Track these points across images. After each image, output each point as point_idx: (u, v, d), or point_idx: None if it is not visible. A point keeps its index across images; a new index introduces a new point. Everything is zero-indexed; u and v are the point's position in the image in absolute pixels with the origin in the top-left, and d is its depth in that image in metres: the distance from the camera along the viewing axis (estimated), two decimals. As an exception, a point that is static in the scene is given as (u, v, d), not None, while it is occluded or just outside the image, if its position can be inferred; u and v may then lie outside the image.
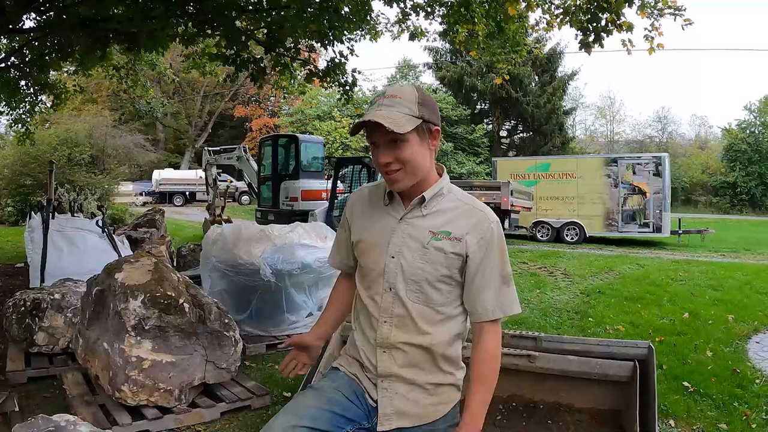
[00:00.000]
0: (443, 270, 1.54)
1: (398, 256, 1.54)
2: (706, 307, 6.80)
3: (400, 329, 1.55)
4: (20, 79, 8.50)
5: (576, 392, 3.03)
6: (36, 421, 2.14)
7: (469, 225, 1.56)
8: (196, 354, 3.25)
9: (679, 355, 4.91)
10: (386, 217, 1.59)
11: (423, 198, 1.56)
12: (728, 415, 3.64)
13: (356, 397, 1.58)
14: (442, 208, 1.58)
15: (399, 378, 1.56)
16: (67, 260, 5.28)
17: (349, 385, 1.60)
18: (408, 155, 1.49)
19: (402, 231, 1.56)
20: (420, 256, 1.53)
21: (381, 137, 1.48)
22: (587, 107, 47.41)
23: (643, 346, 2.87)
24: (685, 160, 39.13)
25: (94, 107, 25.87)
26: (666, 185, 14.92)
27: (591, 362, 2.94)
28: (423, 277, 1.53)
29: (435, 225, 1.55)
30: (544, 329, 6.06)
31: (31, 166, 14.35)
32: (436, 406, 1.59)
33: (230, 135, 37.65)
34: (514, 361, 3.09)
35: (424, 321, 1.55)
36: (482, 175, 27.08)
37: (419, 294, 1.54)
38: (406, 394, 1.56)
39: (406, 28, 8.43)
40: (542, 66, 31.32)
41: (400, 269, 1.53)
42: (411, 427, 1.56)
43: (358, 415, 1.57)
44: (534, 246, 14.12)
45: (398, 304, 1.55)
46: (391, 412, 1.56)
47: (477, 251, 1.55)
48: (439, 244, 1.53)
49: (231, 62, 7.26)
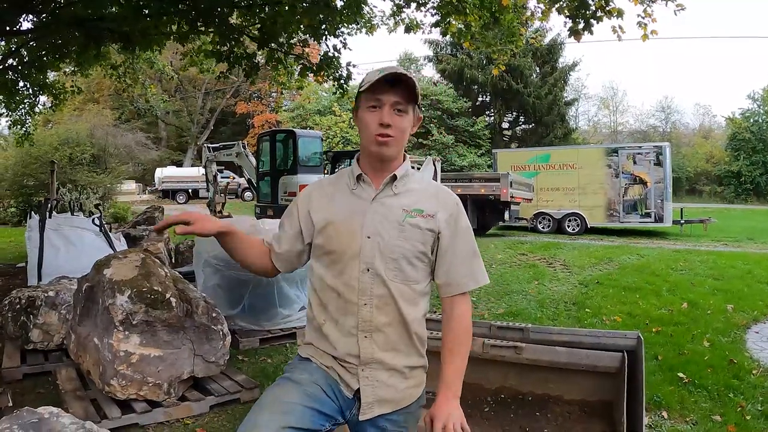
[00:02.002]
0: (420, 246, 1.58)
1: (374, 236, 1.55)
2: (706, 296, 6.78)
3: (381, 310, 1.56)
4: (19, 80, 8.53)
5: (565, 384, 3.02)
6: (21, 413, 2.17)
7: (437, 203, 1.62)
8: (184, 348, 3.27)
9: (675, 346, 4.89)
10: (356, 200, 1.60)
11: (395, 176, 1.60)
12: (723, 407, 3.63)
13: (332, 391, 1.59)
14: (410, 188, 1.63)
15: (380, 363, 1.57)
16: (64, 258, 5.31)
17: (325, 379, 1.60)
18: (405, 126, 1.56)
19: (375, 211, 1.57)
20: (397, 233, 1.56)
21: (390, 98, 1.52)
22: (590, 98, 47.21)
23: (632, 336, 2.85)
24: (689, 150, 38.95)
25: (95, 107, 25.91)
26: (667, 175, 14.85)
27: (579, 353, 2.92)
28: (401, 254, 1.56)
29: (407, 203, 1.59)
30: (540, 321, 6.07)
31: (33, 166, 14.45)
32: (411, 389, 1.63)
33: (233, 132, 37.68)
34: (501, 353, 3.08)
35: (402, 299, 1.57)
36: (483, 167, 26.99)
37: (397, 272, 1.56)
38: (387, 381, 1.58)
39: (401, 20, 8.40)
40: (543, 57, 31.17)
41: (377, 248, 1.54)
42: (389, 413, 1.60)
43: (334, 410, 1.57)
44: (534, 237, 14.12)
45: (378, 283, 1.55)
46: (373, 400, 1.58)
47: (447, 227, 1.61)
48: (414, 221, 1.57)
49: (225, 59, 7.28)
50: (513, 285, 7.95)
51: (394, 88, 1.51)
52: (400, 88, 1.52)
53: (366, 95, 1.54)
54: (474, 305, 7.05)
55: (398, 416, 1.61)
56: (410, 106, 1.56)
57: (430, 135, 28.84)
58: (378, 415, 1.59)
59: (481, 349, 3.11)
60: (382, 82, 1.50)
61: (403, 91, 1.53)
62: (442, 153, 27.99)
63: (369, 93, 1.53)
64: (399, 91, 1.52)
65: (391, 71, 1.50)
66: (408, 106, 1.55)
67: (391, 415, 1.60)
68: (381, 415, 1.59)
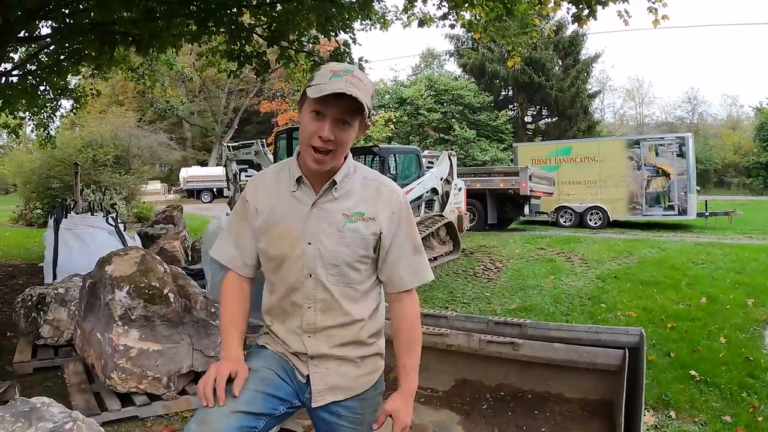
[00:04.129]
0: (361, 251, 1.56)
1: (315, 242, 1.53)
2: (726, 291, 6.60)
3: (325, 313, 1.57)
4: (39, 84, 8.74)
5: (565, 381, 2.96)
6: (15, 403, 2.25)
7: (379, 202, 1.58)
8: (183, 343, 3.31)
9: (689, 342, 4.77)
10: (296, 203, 1.56)
11: (334, 182, 1.55)
12: (734, 407, 3.52)
13: (286, 374, 1.60)
14: (352, 188, 1.58)
15: (329, 356, 1.59)
16: (77, 257, 5.42)
17: (279, 363, 1.61)
18: (347, 140, 1.50)
19: (316, 217, 1.55)
20: (337, 240, 1.54)
21: (335, 112, 1.45)
22: (615, 90, 46.44)
23: (634, 333, 2.78)
24: (717, 141, 37.99)
25: (119, 109, 26.44)
26: (690, 166, 14.48)
27: (578, 350, 2.87)
28: (342, 260, 1.54)
29: (348, 207, 1.56)
30: (553, 316, 5.98)
31: (58, 168, 14.76)
32: (366, 376, 1.64)
33: (257, 131, 37.97)
34: (498, 349, 3.04)
35: (347, 301, 1.57)
36: (506, 161, 26.71)
37: (339, 276, 1.56)
38: (337, 369, 1.59)
39: (414, 15, 8.37)
40: (565, 49, 30.71)
41: (318, 255, 1.53)
42: (343, 400, 1.61)
43: (289, 394, 1.58)
44: (554, 231, 13.91)
45: (320, 288, 1.55)
46: (323, 387, 1.59)
47: (389, 226, 1.58)
48: (354, 225, 1.54)
49: (235, 58, 7.35)
50: (529, 280, 7.87)
51: (342, 100, 1.42)
52: (347, 100, 1.43)
53: (311, 99, 1.46)
54: (487, 300, 7.02)
55: (353, 402, 1.62)
56: (357, 118, 1.49)
57: (452, 130, 28.71)
58: (331, 402, 1.60)
59: (477, 345, 3.08)
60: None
61: (350, 105, 1.44)
62: (464, 148, 27.82)
63: (315, 99, 1.45)
64: (346, 104, 1.44)
65: (341, 86, 1.41)
66: (355, 118, 1.49)
67: (345, 401, 1.61)
68: (337, 403, 1.60)
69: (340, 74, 1.44)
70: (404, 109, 29.46)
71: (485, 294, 7.32)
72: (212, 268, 4.88)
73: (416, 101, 29.29)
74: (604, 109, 44.95)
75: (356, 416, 1.62)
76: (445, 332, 3.12)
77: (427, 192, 9.65)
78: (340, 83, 1.42)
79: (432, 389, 3.26)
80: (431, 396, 3.23)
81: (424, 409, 3.09)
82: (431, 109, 29.20)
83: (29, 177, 15.73)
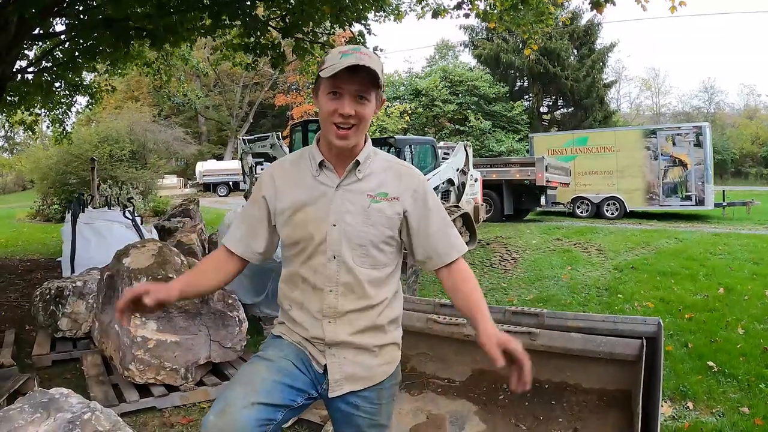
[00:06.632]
0: (387, 231, 1.57)
1: (340, 223, 1.54)
2: (744, 281, 6.51)
3: (346, 297, 1.56)
4: (54, 81, 8.82)
5: (583, 372, 2.92)
6: (34, 394, 2.28)
7: (401, 183, 1.60)
8: (200, 334, 3.34)
9: (707, 333, 4.72)
10: (321, 186, 1.57)
11: (357, 162, 1.57)
12: (752, 398, 3.47)
13: (303, 365, 1.60)
14: (374, 170, 1.60)
15: (347, 344, 1.58)
16: (95, 250, 5.47)
17: (296, 353, 1.61)
18: (368, 114, 1.52)
19: (341, 198, 1.55)
20: (363, 220, 1.55)
21: (351, 88, 1.47)
22: (631, 80, 45.86)
23: (652, 322, 2.73)
24: (734, 131, 37.37)
25: (134, 104, 26.66)
26: (708, 156, 14.27)
27: (595, 340, 2.82)
28: (368, 240, 1.55)
29: (371, 188, 1.57)
30: (570, 306, 5.94)
31: (74, 164, 14.91)
32: (383, 366, 1.63)
33: (272, 124, 38.12)
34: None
35: (370, 285, 1.57)
36: (522, 152, 26.49)
37: (365, 258, 1.56)
38: (354, 358, 1.59)
39: (428, 5, 8.31)
40: (580, 39, 30.29)
41: (344, 236, 1.54)
42: (360, 390, 1.60)
43: (306, 384, 1.58)
44: (571, 222, 13.80)
45: (344, 270, 1.55)
46: (340, 377, 1.58)
47: (413, 205, 1.60)
48: (379, 206, 1.56)
49: (251, 50, 7.35)
50: (545, 271, 7.82)
51: (356, 75, 1.45)
52: (361, 74, 1.46)
53: (326, 80, 1.48)
54: (504, 291, 6.99)
55: (370, 393, 1.61)
56: (373, 92, 1.52)
57: (468, 121, 28.55)
58: (348, 392, 1.59)
59: (495, 335, 3.05)
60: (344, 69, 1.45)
61: (365, 78, 1.47)
62: (479, 139, 27.65)
63: (329, 79, 1.47)
64: (361, 78, 1.47)
65: (352, 60, 1.43)
66: (371, 92, 1.51)
67: (362, 392, 1.60)
68: (352, 392, 1.59)
69: (349, 53, 1.47)
70: (419, 100, 29.36)
71: (502, 285, 7.29)
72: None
73: (431, 92, 29.16)
74: (620, 99, 44.48)
75: (374, 407, 1.62)
76: (463, 322, 3.09)
77: (443, 183, 9.61)
78: (351, 59, 1.44)
79: (449, 379, 3.24)
80: (448, 386, 3.21)
81: (441, 399, 3.08)
82: (446, 101, 29.04)
83: (46, 173, 15.91)
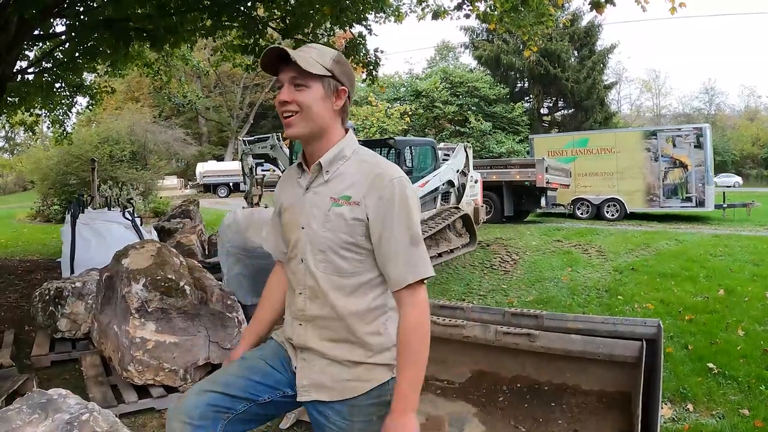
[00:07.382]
0: (345, 237, 1.48)
1: (306, 227, 1.53)
2: (744, 283, 6.50)
3: (313, 302, 1.54)
4: (54, 82, 8.82)
5: (583, 373, 2.92)
6: (32, 395, 2.27)
7: (366, 185, 1.48)
8: (199, 335, 3.33)
9: (707, 335, 4.72)
10: (298, 190, 1.60)
11: (320, 164, 1.53)
12: (753, 400, 3.47)
13: (281, 364, 1.60)
14: (345, 171, 1.52)
15: (315, 352, 1.54)
16: (95, 251, 5.47)
17: (275, 353, 1.63)
18: (308, 101, 1.47)
19: (309, 201, 1.54)
20: (322, 224, 1.50)
21: (286, 74, 1.49)
22: (631, 81, 45.94)
23: (652, 324, 2.73)
24: (735, 133, 37.42)
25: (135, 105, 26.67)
26: (708, 157, 14.25)
27: (595, 342, 2.82)
28: (327, 246, 1.49)
29: (336, 190, 1.51)
30: (570, 308, 5.93)
31: (74, 165, 14.89)
32: (356, 382, 1.52)
33: (273, 125, 37.99)
34: (514, 341, 3.01)
35: (333, 291, 1.51)
36: (522, 153, 26.50)
37: (327, 263, 1.50)
38: (324, 369, 1.53)
39: (428, 6, 8.31)
40: (580, 40, 30.32)
41: (308, 240, 1.52)
42: (330, 402, 1.53)
43: (280, 382, 1.58)
44: (572, 224, 13.79)
45: (308, 275, 1.53)
46: (307, 383, 1.55)
47: (376, 212, 1.46)
48: (339, 210, 1.48)
49: (249, 51, 7.35)
50: (545, 272, 7.81)
51: (289, 65, 1.47)
52: (292, 63, 1.47)
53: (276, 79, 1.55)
54: (504, 292, 6.97)
55: (341, 407, 1.52)
56: (311, 80, 1.47)
57: (468, 122, 28.57)
58: (316, 400, 1.54)
59: (494, 336, 3.05)
60: (276, 61, 1.49)
61: (296, 66, 1.47)
62: (480, 140, 27.66)
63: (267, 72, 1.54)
64: (294, 65, 1.46)
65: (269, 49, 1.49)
66: (307, 79, 1.47)
67: (333, 404, 1.52)
68: (323, 403, 1.53)
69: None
70: (420, 101, 29.40)
71: (502, 286, 7.28)
72: (228, 261, 4.90)
73: (432, 94, 29.20)
74: (621, 101, 44.53)
75: (344, 422, 1.52)
76: (462, 323, 3.09)
77: (444, 184, 9.61)
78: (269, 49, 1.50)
79: (448, 381, 3.24)
80: (447, 388, 3.21)
81: (440, 401, 3.07)
82: (447, 102, 29.08)
83: (46, 174, 15.91)
